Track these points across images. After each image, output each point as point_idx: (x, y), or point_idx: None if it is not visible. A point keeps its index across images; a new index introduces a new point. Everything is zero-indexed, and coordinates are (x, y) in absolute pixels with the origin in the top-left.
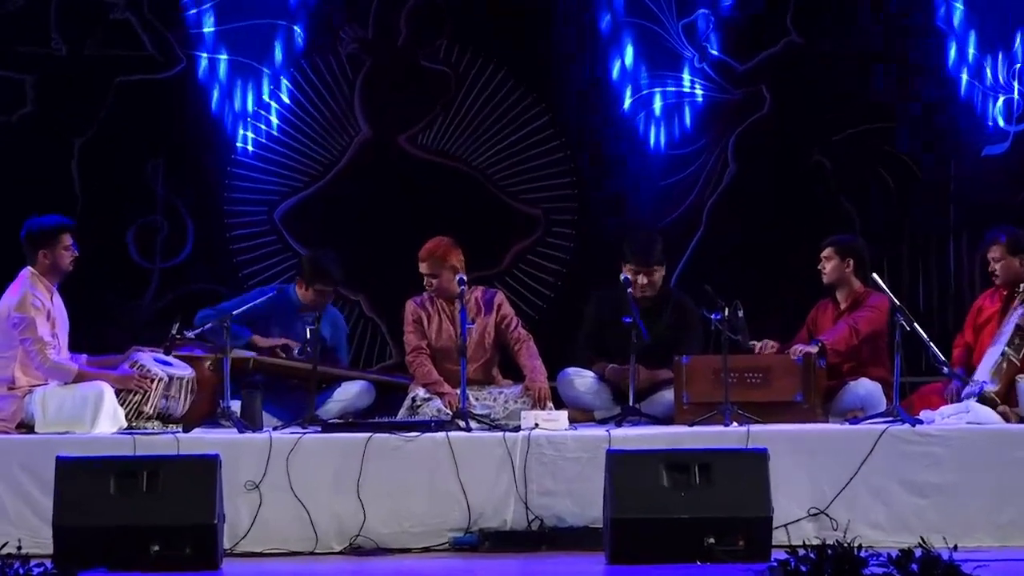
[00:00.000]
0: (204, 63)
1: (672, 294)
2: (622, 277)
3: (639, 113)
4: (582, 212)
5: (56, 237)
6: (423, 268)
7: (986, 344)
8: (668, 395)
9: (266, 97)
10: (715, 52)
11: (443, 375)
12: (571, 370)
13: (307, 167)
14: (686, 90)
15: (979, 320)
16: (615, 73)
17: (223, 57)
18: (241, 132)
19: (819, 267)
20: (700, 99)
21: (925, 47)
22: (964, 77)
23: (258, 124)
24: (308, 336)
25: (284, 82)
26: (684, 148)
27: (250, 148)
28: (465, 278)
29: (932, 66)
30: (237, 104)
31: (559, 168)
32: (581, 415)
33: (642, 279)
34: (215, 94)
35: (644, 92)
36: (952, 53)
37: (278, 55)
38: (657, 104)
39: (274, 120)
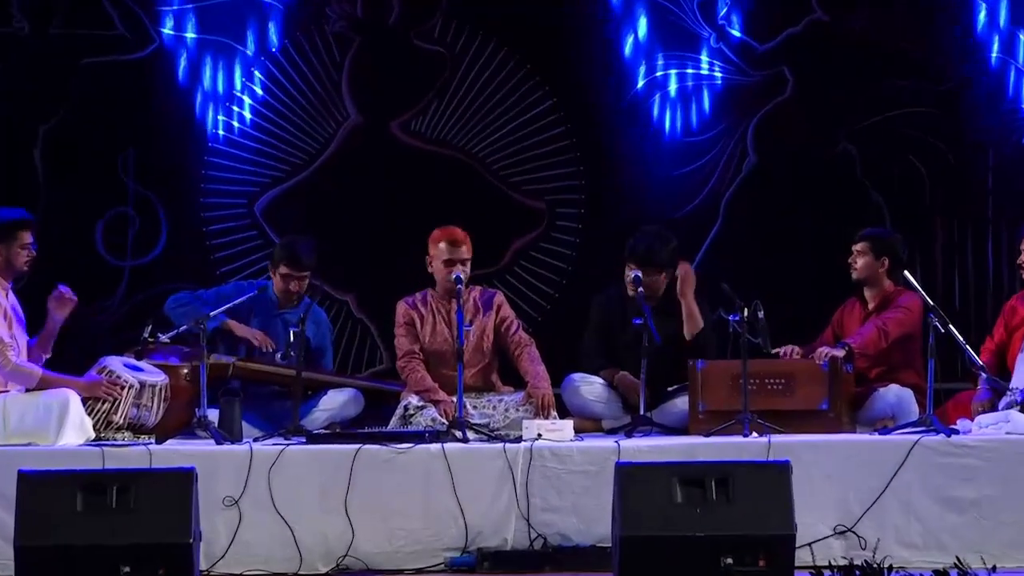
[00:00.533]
0: (178, 43)
1: None
2: (631, 275)
3: (652, 97)
4: (589, 205)
5: (13, 233)
6: (460, 253)
7: (1018, 348)
8: (682, 403)
9: (244, 80)
10: (734, 31)
11: (438, 381)
12: (577, 376)
13: (290, 156)
14: (704, 72)
15: (1013, 322)
16: (627, 54)
17: (198, 36)
18: (219, 118)
19: (849, 260)
20: (718, 82)
21: (960, 24)
22: (994, 53)
23: (237, 109)
24: (291, 339)
25: (265, 64)
26: (700, 135)
27: (224, 134)
28: (463, 275)
29: (967, 46)
30: (210, 85)
31: (564, 157)
32: (588, 425)
33: (640, 275)
34: (190, 77)
35: (658, 74)
36: (981, 16)
37: (258, 34)
38: (671, 87)
39: (254, 105)
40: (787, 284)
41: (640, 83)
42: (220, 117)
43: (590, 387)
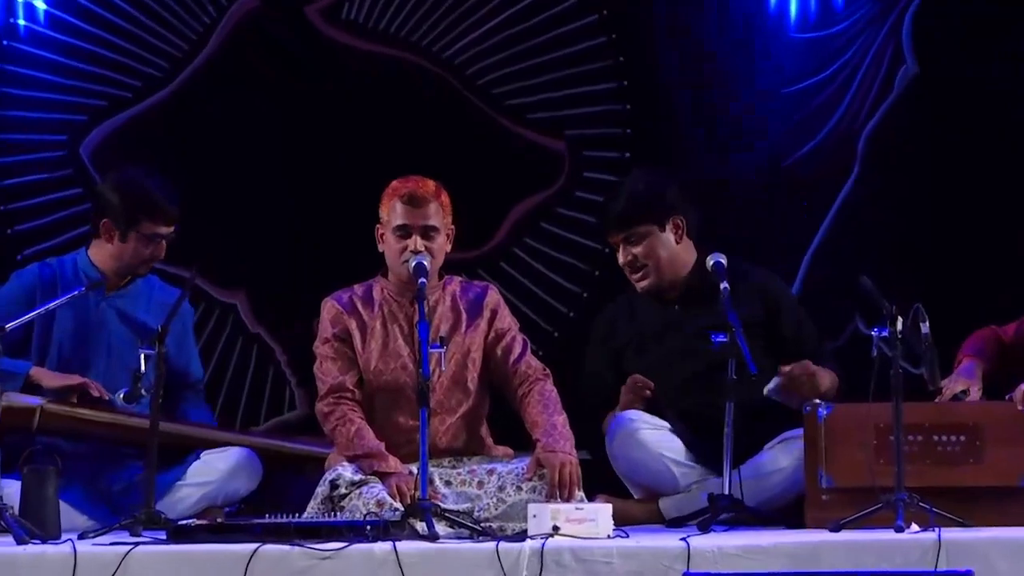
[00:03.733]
0: None
1: (759, 281)
2: (711, 261)
3: None
4: (640, 143)
5: None
6: (424, 216)
7: None
8: (785, 468)
9: None
10: None
11: (392, 437)
12: (634, 416)
13: (141, 64)
14: None
15: None
16: None
17: None
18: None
19: None
20: None
21: None
22: None
23: None
24: (140, 364)
25: None
26: (825, 28)
27: (27, 26)
28: (426, 262)
29: None
30: None
31: (599, 64)
32: (635, 511)
33: (623, 254)
34: None
35: None
36: None
37: None
38: None
39: None
40: (967, 277)
41: None
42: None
43: (657, 434)
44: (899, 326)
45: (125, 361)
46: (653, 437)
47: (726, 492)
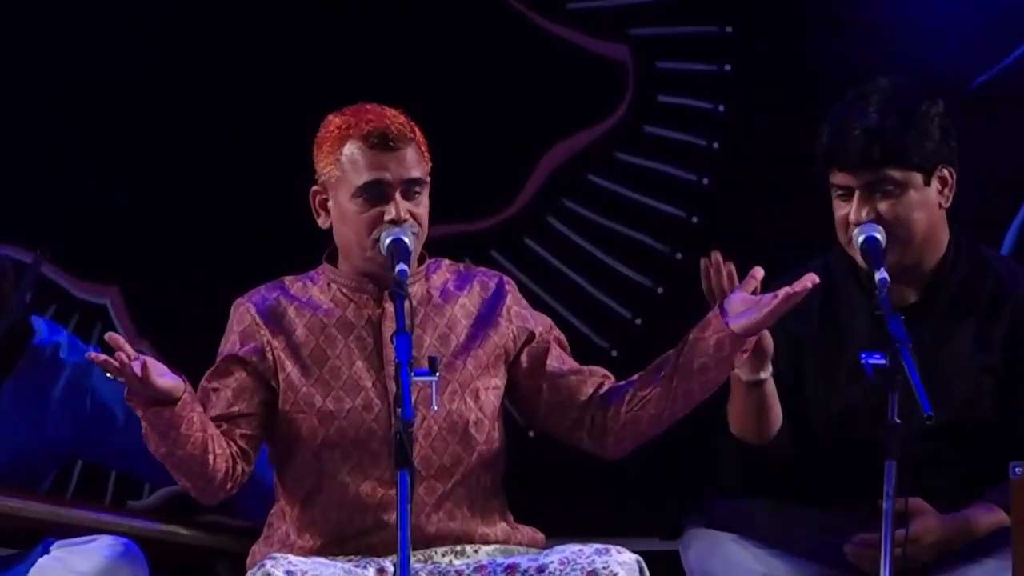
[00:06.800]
0: None
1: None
2: (860, 236)
3: None
4: (743, 50)
5: None
6: (400, 164)
7: None
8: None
9: None
10: None
11: (348, 516)
12: (725, 508)
13: None
14: None
15: None
16: None
17: None
18: None
19: None
20: None
21: None
22: None
23: None
24: None
25: None
26: None
27: None
28: (407, 238)
29: None
30: None
31: None
32: None
33: (858, 210)
34: None
35: None
36: None
37: None
38: None
39: None
40: None
41: None
42: None
43: (742, 551)
44: None
45: None
46: (752, 548)
47: None
